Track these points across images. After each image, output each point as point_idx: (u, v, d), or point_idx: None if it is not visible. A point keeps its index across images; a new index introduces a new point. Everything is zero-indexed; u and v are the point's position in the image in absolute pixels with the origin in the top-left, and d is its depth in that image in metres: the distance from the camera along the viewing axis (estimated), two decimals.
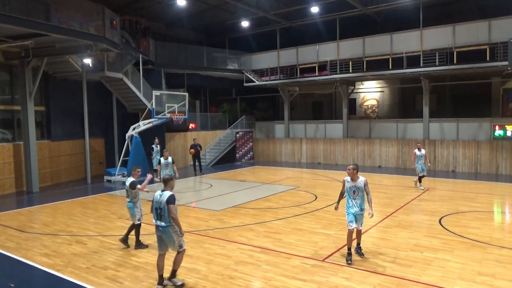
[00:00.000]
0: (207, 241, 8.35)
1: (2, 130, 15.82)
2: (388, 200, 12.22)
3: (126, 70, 18.43)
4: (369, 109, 25.40)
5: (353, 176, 7.07)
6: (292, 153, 23.76)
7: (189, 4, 19.18)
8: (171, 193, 6.01)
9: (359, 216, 7.04)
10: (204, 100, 25.98)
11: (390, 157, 20.31)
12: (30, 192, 14.99)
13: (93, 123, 18.39)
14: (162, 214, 5.95)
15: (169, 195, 5.94)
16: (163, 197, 5.96)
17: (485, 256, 7.07)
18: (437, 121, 19.38)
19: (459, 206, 11.10)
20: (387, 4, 19.24)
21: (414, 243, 7.87)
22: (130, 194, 8.07)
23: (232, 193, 14.07)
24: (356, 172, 7.08)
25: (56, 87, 17.59)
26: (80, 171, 18.26)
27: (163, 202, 5.93)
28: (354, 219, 6.97)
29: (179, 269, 6.38)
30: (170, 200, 5.89)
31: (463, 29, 17.27)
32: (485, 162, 17.67)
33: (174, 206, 5.91)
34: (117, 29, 15.62)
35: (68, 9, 13.39)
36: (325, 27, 22.21)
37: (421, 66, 18.04)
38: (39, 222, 10.52)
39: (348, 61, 20.36)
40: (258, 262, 7.04)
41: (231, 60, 24.55)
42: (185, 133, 21.91)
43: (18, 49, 14.28)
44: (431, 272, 6.39)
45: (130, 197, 8.06)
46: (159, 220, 6.03)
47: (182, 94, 18.18)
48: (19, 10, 11.57)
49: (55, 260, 7.40)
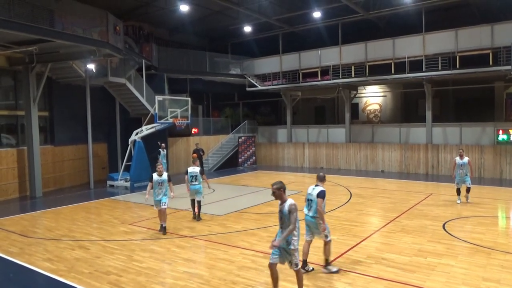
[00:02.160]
0: (210, 246, 8.34)
1: (6, 135, 15.89)
2: (391, 205, 12.17)
3: (129, 75, 18.51)
4: (371, 114, 25.37)
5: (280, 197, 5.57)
6: (294, 158, 23.74)
7: (191, 10, 19.29)
8: (323, 188, 6.67)
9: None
10: (206, 105, 26.04)
11: (393, 162, 20.25)
12: (34, 197, 15.02)
13: (96, 128, 18.44)
14: (312, 205, 6.66)
15: (320, 190, 6.61)
16: (315, 191, 6.65)
17: (489, 262, 7.02)
18: (440, 126, 19.32)
19: (463, 211, 11.04)
20: (389, 9, 19.28)
21: (417, 248, 7.82)
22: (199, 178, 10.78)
23: (235, 198, 14.05)
24: (283, 192, 5.56)
25: (59, 93, 17.68)
26: (83, 176, 18.29)
27: (314, 195, 6.62)
28: None
29: (181, 274, 6.35)
30: (320, 195, 6.55)
31: (466, 33, 17.27)
32: (488, 167, 17.58)
33: (323, 201, 6.53)
34: (121, 35, 15.73)
35: (72, 15, 13.51)
36: (327, 32, 22.26)
37: (424, 71, 18.03)
38: (42, 227, 10.54)
39: (351, 66, 20.37)
40: (261, 267, 7.01)
41: (233, 65, 24.63)
42: (187, 138, 21.94)
43: (22, 55, 14.38)
44: (435, 278, 6.35)
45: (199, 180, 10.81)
46: (308, 210, 6.74)
47: (184, 99, 18.23)
48: (24, 16, 11.68)
49: (58, 265, 7.40)
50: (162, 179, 9.47)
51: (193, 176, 10.73)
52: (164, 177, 9.49)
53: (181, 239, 8.98)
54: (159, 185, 9.39)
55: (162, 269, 7.04)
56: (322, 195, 6.56)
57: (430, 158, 19.07)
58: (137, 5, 19.47)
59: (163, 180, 9.48)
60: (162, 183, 9.44)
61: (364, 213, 11.25)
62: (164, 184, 9.47)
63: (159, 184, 9.41)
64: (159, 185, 9.39)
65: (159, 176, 9.47)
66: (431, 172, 18.94)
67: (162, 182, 9.44)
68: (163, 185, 9.44)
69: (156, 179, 9.46)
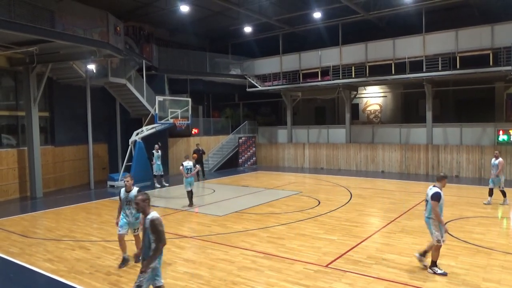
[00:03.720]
0: (210, 246, 8.34)
1: (6, 136, 15.91)
2: (391, 205, 12.17)
3: (130, 75, 18.53)
4: (372, 114, 25.38)
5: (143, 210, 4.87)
6: (295, 158, 23.74)
7: (192, 10, 19.31)
8: (437, 190, 6.62)
9: None
10: (207, 105, 26.06)
11: (393, 162, 20.25)
12: (34, 198, 15.03)
13: (97, 129, 18.46)
14: (428, 206, 6.75)
15: (435, 192, 6.59)
16: (430, 191, 6.69)
17: (490, 262, 7.02)
18: (440, 126, 19.32)
19: (463, 212, 11.04)
20: (389, 10, 19.29)
21: (418, 249, 7.79)
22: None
23: (235, 198, 14.05)
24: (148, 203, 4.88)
25: (60, 93, 17.70)
26: (83, 177, 18.30)
27: (429, 195, 6.68)
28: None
29: (181, 274, 6.35)
30: (433, 197, 6.56)
31: (466, 34, 17.27)
32: (489, 167, 17.45)
33: (437, 204, 6.51)
34: (121, 35, 15.74)
35: (72, 15, 13.53)
36: (328, 32, 22.27)
37: (424, 71, 18.03)
38: (43, 228, 10.54)
39: (351, 66, 20.38)
40: (261, 267, 7.02)
41: (233, 66, 24.65)
42: (188, 138, 21.94)
43: (23, 56, 14.40)
44: (435, 278, 6.35)
45: None
46: (425, 210, 6.86)
47: (185, 100, 18.26)
48: (24, 17, 11.70)
49: (58, 265, 7.41)
50: (131, 196, 7.12)
51: (188, 169, 12.42)
52: (133, 193, 7.10)
53: (181, 239, 8.98)
54: (127, 204, 7.21)
55: (163, 270, 7.03)
56: (435, 197, 6.54)
57: (430, 158, 19.07)
58: (138, 5, 19.48)
59: (132, 197, 7.03)
60: (130, 201, 7.10)
61: (364, 214, 11.25)
62: (133, 203, 6.87)
63: (127, 203, 7.21)
64: (127, 204, 7.21)
65: (126, 192, 7.23)
66: (432, 173, 18.92)
67: (130, 200, 7.09)
68: (132, 204, 7.05)
69: (123, 196, 7.27)
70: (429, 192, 6.74)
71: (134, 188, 7.27)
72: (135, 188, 7.28)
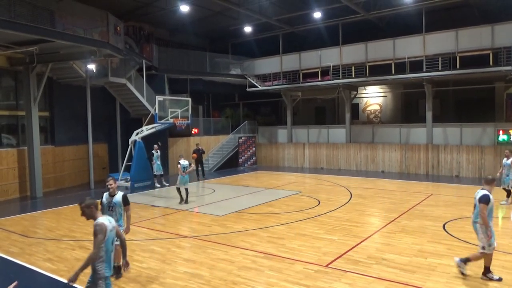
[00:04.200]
0: (210, 246, 8.34)
1: (6, 136, 15.91)
2: (391, 205, 12.17)
3: (130, 75, 18.54)
4: (372, 114, 25.37)
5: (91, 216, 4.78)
6: (295, 158, 23.74)
7: (192, 10, 19.31)
8: (485, 192, 6.30)
9: None
10: (207, 105, 26.05)
11: (393, 162, 20.25)
12: (34, 197, 15.03)
13: (97, 128, 18.46)
14: (475, 209, 6.42)
15: (483, 195, 6.27)
16: (478, 194, 6.38)
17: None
18: (440, 126, 19.32)
19: (464, 212, 11.03)
20: (389, 10, 19.29)
21: (418, 249, 7.83)
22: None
23: (235, 198, 14.05)
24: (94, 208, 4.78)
25: (60, 93, 17.70)
26: (83, 176, 18.31)
27: (477, 198, 6.37)
28: None
29: (181, 274, 6.35)
30: (482, 199, 6.24)
31: (466, 34, 17.27)
32: (489, 167, 17.56)
33: (485, 206, 6.19)
34: (121, 35, 15.74)
35: (72, 15, 13.51)
36: (328, 32, 22.27)
37: (424, 71, 18.03)
38: (43, 227, 10.54)
39: (351, 66, 20.37)
40: (261, 267, 7.02)
41: (234, 65, 24.65)
42: (188, 138, 21.94)
43: (23, 55, 14.40)
44: (435, 278, 6.35)
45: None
46: (472, 214, 6.57)
47: (185, 99, 18.25)
48: (24, 17, 11.70)
49: (58, 265, 7.41)
50: (114, 201, 6.50)
51: (185, 167, 12.78)
52: (117, 198, 6.51)
53: (182, 239, 8.99)
54: (110, 210, 6.47)
55: (163, 269, 7.04)
56: (484, 200, 6.20)
57: (430, 158, 19.07)
58: (138, 5, 19.48)
59: (116, 203, 6.50)
60: (113, 207, 6.49)
61: (364, 214, 11.25)
62: (116, 209, 6.50)
63: (110, 209, 6.48)
64: (109, 210, 6.46)
65: (110, 197, 6.53)
66: (432, 173, 18.93)
67: (113, 206, 6.50)
68: (115, 210, 6.49)
69: (105, 201, 6.53)
70: (477, 195, 6.43)
71: (118, 193, 6.58)
72: (120, 193, 6.60)
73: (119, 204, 6.51)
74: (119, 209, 6.54)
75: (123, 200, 6.55)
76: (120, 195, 6.56)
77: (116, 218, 6.33)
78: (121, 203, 6.54)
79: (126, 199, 6.59)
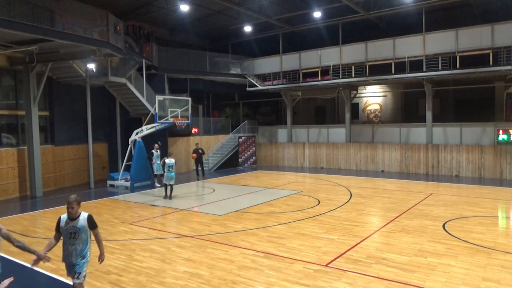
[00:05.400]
0: (210, 245, 8.34)
1: (6, 135, 15.90)
2: (391, 205, 12.18)
3: (130, 75, 18.53)
4: (372, 114, 25.38)
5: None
6: (295, 158, 23.74)
7: (192, 10, 19.30)
8: None
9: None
10: (207, 105, 26.05)
11: (393, 162, 20.26)
12: (34, 197, 15.02)
13: (97, 128, 18.46)
14: None
15: None
16: None
17: (489, 262, 7.02)
18: (440, 126, 19.33)
19: (463, 211, 11.04)
20: (389, 9, 19.29)
21: (418, 248, 7.83)
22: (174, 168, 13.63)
23: (235, 198, 14.05)
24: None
25: (60, 92, 17.70)
26: (83, 176, 18.31)
27: None
28: None
29: (181, 274, 6.34)
30: None
31: (466, 33, 17.27)
32: (489, 167, 17.59)
33: None
34: (121, 35, 15.73)
35: (72, 15, 13.51)
36: (328, 32, 22.27)
37: (424, 71, 18.03)
38: (43, 227, 10.54)
39: (351, 66, 20.38)
40: (261, 267, 7.02)
41: (233, 65, 24.64)
42: (188, 137, 21.95)
43: (22, 55, 14.40)
44: (435, 278, 6.35)
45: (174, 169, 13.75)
46: None
47: (185, 99, 18.24)
48: (24, 16, 11.68)
49: (58, 264, 7.39)
50: (78, 226, 5.03)
51: (170, 166, 13.66)
52: (81, 222, 5.06)
53: (181, 238, 8.99)
54: (71, 237, 5.02)
55: (163, 269, 7.04)
56: None
57: (430, 158, 19.08)
58: (138, 5, 19.48)
59: (80, 228, 5.04)
60: (75, 233, 5.01)
61: (364, 213, 11.26)
62: (80, 235, 5.04)
63: (71, 236, 5.02)
64: (70, 237, 5.02)
65: (71, 221, 5.04)
66: (431, 172, 18.94)
67: (75, 232, 5.02)
68: (78, 236, 5.03)
69: (64, 227, 5.05)
70: None
71: (81, 214, 5.12)
72: (84, 214, 5.15)
73: (84, 229, 5.06)
74: (84, 235, 5.08)
75: (89, 223, 5.12)
76: (84, 217, 5.12)
77: (81, 247, 5.06)
78: (86, 227, 5.09)
79: (92, 221, 5.18)
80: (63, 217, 5.16)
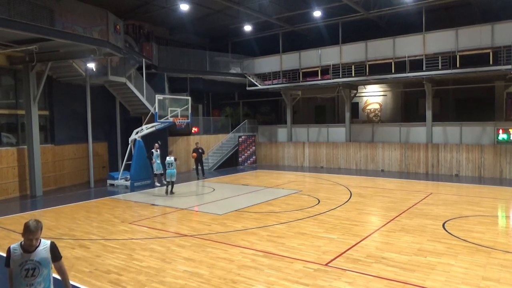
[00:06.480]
0: (210, 245, 8.35)
1: (6, 134, 15.90)
2: (391, 204, 12.18)
3: (130, 74, 18.51)
4: (372, 113, 25.37)
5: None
6: (294, 157, 23.74)
7: (192, 9, 19.28)
8: None
9: None
10: (206, 104, 26.05)
11: (393, 161, 20.26)
12: (34, 196, 15.02)
13: (97, 127, 18.44)
14: None
15: None
16: None
17: (489, 261, 7.02)
18: (440, 125, 19.33)
19: (463, 211, 11.05)
20: (389, 8, 19.29)
21: (417, 248, 7.83)
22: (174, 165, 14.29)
23: (235, 197, 14.05)
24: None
25: (60, 92, 17.68)
26: (83, 175, 18.31)
27: None
28: None
29: (181, 273, 6.36)
30: None
31: (466, 33, 17.26)
32: (489, 166, 17.59)
33: None
34: (121, 34, 15.72)
35: (72, 14, 13.50)
36: (328, 31, 22.25)
37: (424, 70, 18.03)
38: (43, 226, 10.52)
39: (351, 65, 20.37)
40: (261, 266, 7.03)
41: (233, 64, 24.63)
42: (187, 137, 21.95)
43: (22, 54, 14.38)
44: (434, 277, 6.36)
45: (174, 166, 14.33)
46: None
47: (185, 98, 18.23)
48: (24, 15, 11.67)
49: None
50: (37, 259, 3.91)
51: (170, 163, 14.28)
52: (42, 253, 3.96)
53: (181, 238, 8.99)
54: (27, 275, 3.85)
55: (162, 268, 7.05)
56: None
57: (430, 157, 19.08)
58: (138, 4, 19.47)
59: (40, 261, 3.91)
60: (34, 269, 3.87)
61: (364, 212, 11.26)
62: (41, 270, 3.91)
63: (28, 274, 3.84)
64: (27, 275, 3.84)
65: (26, 253, 3.89)
66: (431, 172, 18.95)
67: (34, 268, 3.87)
68: (38, 273, 3.89)
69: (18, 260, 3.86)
70: None
71: (41, 243, 4.00)
72: (44, 242, 4.04)
73: (45, 262, 3.95)
74: (46, 269, 3.95)
75: (52, 253, 4.03)
76: (45, 245, 4.00)
77: (43, 285, 3.92)
78: (49, 259, 3.99)
79: (56, 250, 4.12)
80: (14, 247, 3.89)
